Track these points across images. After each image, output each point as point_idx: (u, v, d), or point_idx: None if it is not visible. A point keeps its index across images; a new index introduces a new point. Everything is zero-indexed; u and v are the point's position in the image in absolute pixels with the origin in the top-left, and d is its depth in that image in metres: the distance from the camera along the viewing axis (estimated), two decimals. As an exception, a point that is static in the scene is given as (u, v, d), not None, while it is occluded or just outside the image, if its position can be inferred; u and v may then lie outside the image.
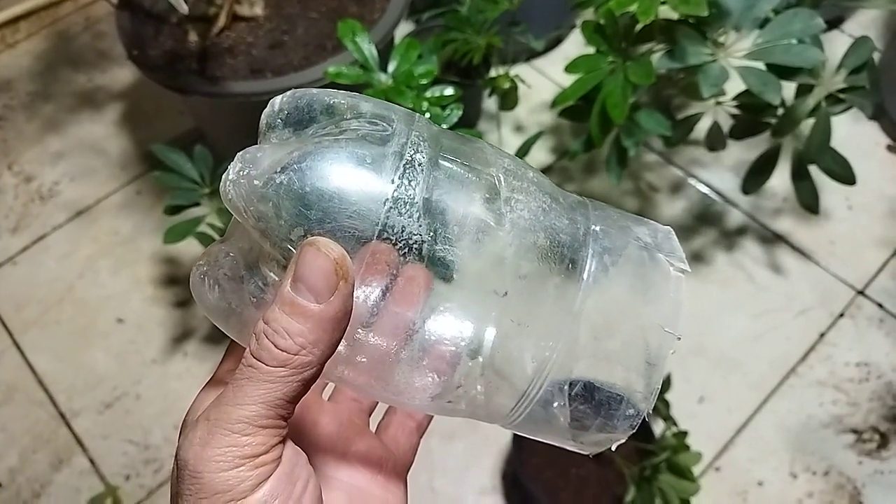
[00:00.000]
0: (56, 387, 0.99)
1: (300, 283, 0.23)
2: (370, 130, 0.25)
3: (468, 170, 0.26)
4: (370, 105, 0.27)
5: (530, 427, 0.28)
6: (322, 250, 0.23)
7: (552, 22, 1.24)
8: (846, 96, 0.77)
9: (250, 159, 0.25)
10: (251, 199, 0.24)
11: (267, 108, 0.27)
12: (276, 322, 0.23)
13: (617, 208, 0.30)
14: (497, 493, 0.89)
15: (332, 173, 0.24)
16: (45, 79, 1.31)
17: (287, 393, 0.23)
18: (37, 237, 1.12)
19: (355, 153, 0.24)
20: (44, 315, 1.05)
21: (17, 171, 1.19)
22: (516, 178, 0.27)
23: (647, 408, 0.27)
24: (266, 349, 0.23)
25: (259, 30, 0.97)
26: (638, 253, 0.28)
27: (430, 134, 0.27)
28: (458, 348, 0.26)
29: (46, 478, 0.92)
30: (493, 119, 1.17)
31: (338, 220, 0.24)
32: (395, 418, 0.35)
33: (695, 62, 0.72)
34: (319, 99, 0.27)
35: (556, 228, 0.27)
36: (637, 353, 0.27)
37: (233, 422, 0.23)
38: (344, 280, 0.23)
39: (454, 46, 0.85)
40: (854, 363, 0.97)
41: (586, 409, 0.27)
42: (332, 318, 0.23)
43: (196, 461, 0.23)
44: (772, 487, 0.89)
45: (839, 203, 1.11)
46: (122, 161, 1.20)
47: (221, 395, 0.24)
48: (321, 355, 0.24)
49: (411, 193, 0.25)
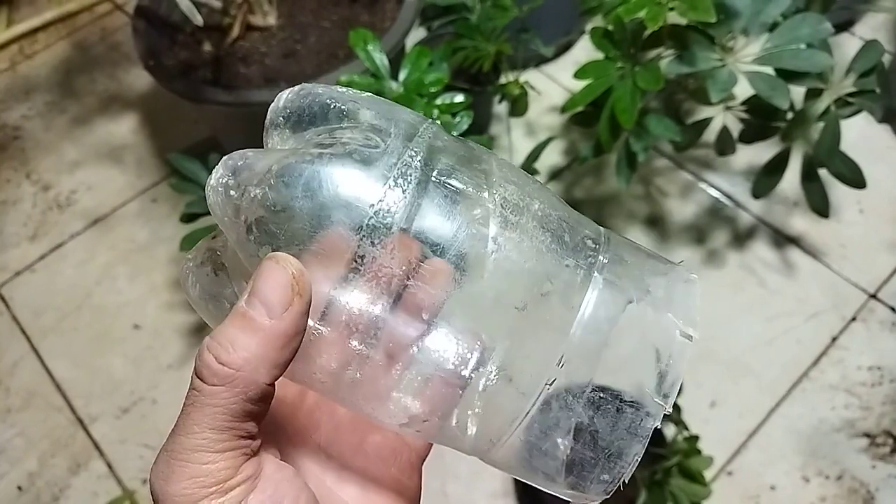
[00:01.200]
0: (74, 392, 1.00)
1: (254, 298, 0.22)
2: (360, 146, 0.24)
3: (459, 199, 0.24)
4: (371, 114, 0.25)
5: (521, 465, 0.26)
6: (280, 263, 0.22)
7: (561, 28, 1.24)
8: (856, 100, 0.77)
9: (232, 166, 0.24)
10: (226, 210, 0.23)
11: (273, 102, 0.26)
12: (222, 335, 0.22)
13: (640, 245, 0.27)
14: (509, 498, 0.90)
15: (306, 194, 0.22)
16: (63, 89, 1.34)
17: (236, 412, 0.22)
18: (55, 245, 1.14)
19: (334, 174, 0.23)
20: (62, 322, 1.06)
21: (36, 180, 1.21)
22: (514, 212, 0.25)
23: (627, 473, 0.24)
24: (207, 365, 0.22)
25: (272, 39, 0.99)
26: (642, 312, 0.25)
27: (428, 152, 0.24)
28: (453, 370, 0.25)
29: (65, 482, 0.94)
30: (504, 124, 1.18)
31: (306, 245, 0.23)
32: None
33: (703, 67, 0.72)
34: (322, 101, 0.25)
35: (548, 274, 0.24)
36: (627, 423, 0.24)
37: (188, 451, 0.22)
38: (299, 296, 0.22)
39: (464, 54, 0.85)
40: (866, 367, 0.97)
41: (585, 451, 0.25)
42: (281, 334, 0.22)
43: (165, 497, 0.22)
44: (784, 492, 0.89)
45: (850, 206, 1.11)
46: (139, 169, 1.22)
47: (175, 424, 0.22)
48: (266, 374, 0.22)
49: (388, 222, 0.23)
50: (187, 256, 0.27)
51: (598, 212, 1.13)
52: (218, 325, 0.24)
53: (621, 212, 1.12)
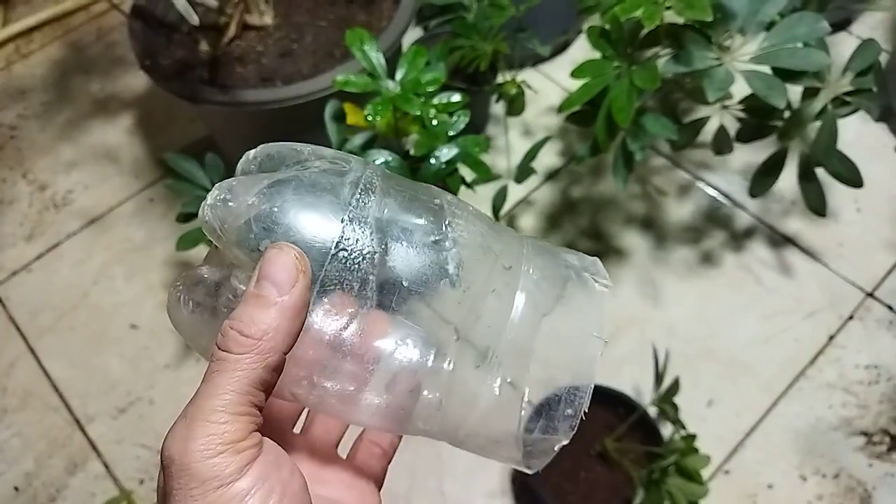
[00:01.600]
0: (71, 392, 1.00)
1: (263, 280, 0.26)
2: (330, 167, 0.30)
3: (415, 198, 0.31)
4: (331, 152, 0.31)
5: (481, 439, 0.30)
6: (283, 249, 0.26)
7: (559, 27, 1.24)
8: (853, 99, 0.77)
9: (226, 187, 0.28)
10: (226, 219, 0.27)
11: (242, 157, 0.31)
12: (241, 314, 0.26)
13: (546, 242, 0.33)
14: (506, 497, 0.90)
15: (296, 196, 0.28)
16: (59, 88, 1.33)
17: (255, 379, 0.25)
18: (51, 245, 1.14)
19: (318, 181, 0.28)
20: (58, 321, 1.06)
21: (32, 180, 1.21)
22: (458, 208, 0.31)
23: (584, 407, 0.29)
24: (232, 339, 0.25)
25: (269, 38, 0.99)
26: (565, 272, 0.31)
27: (382, 173, 0.31)
28: (413, 368, 0.29)
29: (62, 482, 0.93)
30: (501, 124, 1.18)
31: (301, 234, 0.27)
32: (362, 444, 0.37)
33: (700, 66, 0.72)
34: (287, 148, 0.31)
35: (492, 249, 0.31)
36: (570, 358, 0.30)
37: (209, 412, 0.24)
38: (303, 273, 0.26)
39: (461, 53, 0.85)
40: (864, 365, 0.97)
41: (529, 413, 0.29)
42: (292, 306, 0.26)
43: (181, 455, 0.24)
44: (781, 490, 0.89)
45: (848, 205, 1.11)
46: (135, 169, 1.21)
47: (196, 393, 0.25)
48: (282, 341, 0.26)
49: (364, 213, 0.28)
50: (175, 284, 0.30)
51: (595, 212, 1.13)
52: (207, 344, 0.28)
53: (618, 211, 1.12)
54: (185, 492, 0.24)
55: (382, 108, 0.67)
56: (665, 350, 0.85)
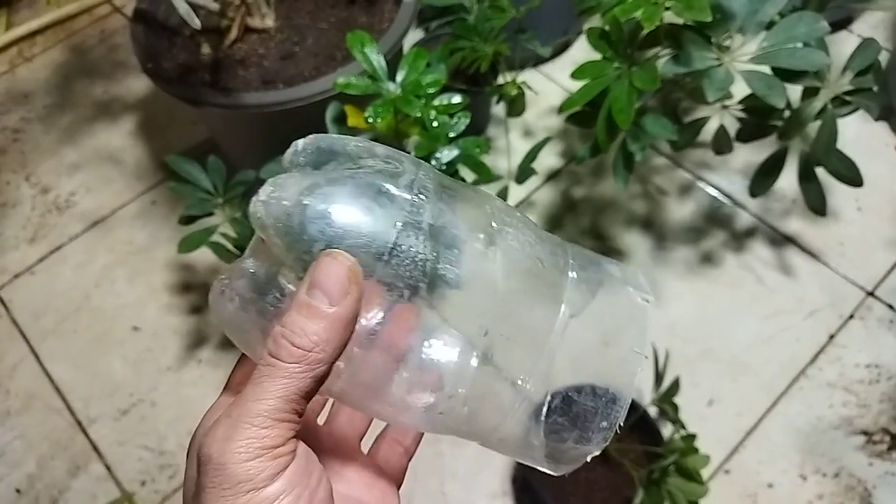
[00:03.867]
0: (73, 394, 1.00)
1: (315, 289, 0.26)
2: (384, 167, 0.29)
3: (467, 204, 0.30)
4: (383, 149, 0.30)
5: (511, 444, 0.31)
6: (337, 259, 0.26)
7: (559, 28, 1.25)
8: (853, 98, 0.77)
9: (280, 184, 0.27)
10: (279, 217, 0.27)
11: (290, 148, 0.30)
12: (294, 323, 0.26)
13: (590, 251, 0.33)
14: (507, 498, 0.90)
15: (352, 198, 0.27)
16: (62, 91, 1.34)
17: (301, 388, 0.25)
18: (54, 247, 1.14)
19: (372, 183, 0.28)
20: (61, 324, 1.06)
21: (35, 183, 1.22)
22: (507, 215, 0.31)
23: (620, 420, 0.29)
24: (283, 347, 0.25)
25: (270, 41, 0.99)
26: (608, 285, 0.31)
27: (434, 175, 0.30)
28: (446, 370, 0.29)
29: (64, 484, 0.94)
30: (502, 125, 1.18)
31: (355, 238, 0.27)
32: (384, 442, 0.37)
33: (700, 66, 0.72)
34: (338, 141, 0.30)
35: (539, 259, 0.30)
36: (609, 372, 0.30)
37: (253, 415, 0.25)
38: (356, 285, 0.26)
39: (462, 55, 0.86)
40: (864, 365, 0.97)
41: (564, 422, 0.29)
42: (343, 318, 0.26)
43: (220, 454, 0.24)
44: (781, 489, 0.89)
45: (848, 204, 1.11)
46: (138, 172, 1.22)
47: (242, 394, 0.26)
48: (332, 353, 0.26)
49: (419, 219, 0.28)
50: (220, 278, 0.30)
51: (596, 213, 1.13)
52: (251, 340, 0.29)
53: (619, 211, 1.13)
54: (217, 491, 0.24)
55: (383, 110, 0.67)
56: (665, 350, 0.85)
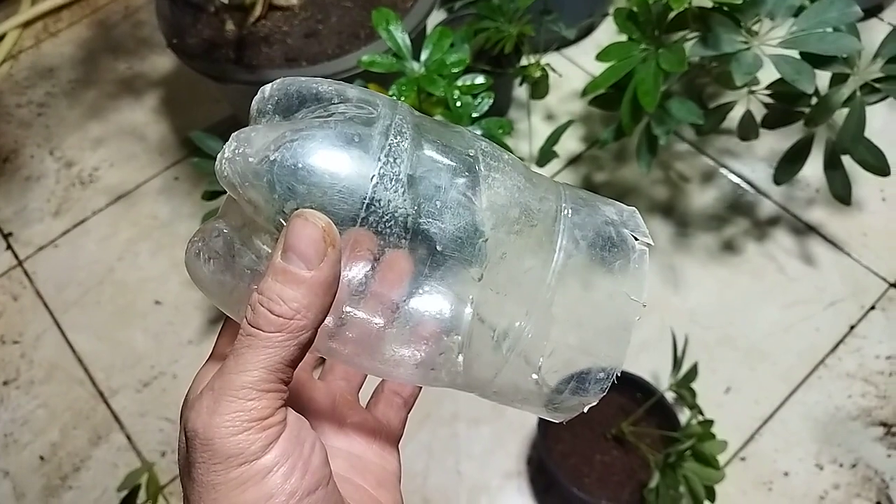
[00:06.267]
0: (95, 365, 1.02)
1: (290, 253, 0.25)
2: (357, 113, 0.27)
3: (449, 150, 0.28)
4: (356, 91, 0.28)
5: (508, 394, 0.29)
6: (310, 220, 0.25)
7: (584, 10, 1.23)
8: (882, 86, 0.76)
9: (245, 139, 0.26)
10: (246, 176, 0.25)
11: (257, 94, 0.28)
12: (270, 290, 0.25)
13: (586, 190, 0.32)
14: (522, 478, 0.90)
15: (322, 151, 0.25)
16: (87, 66, 1.35)
17: (286, 357, 0.25)
18: (78, 221, 1.16)
19: (344, 133, 0.26)
20: (84, 296, 1.08)
21: (59, 157, 1.23)
22: (493, 160, 0.29)
23: (617, 371, 0.28)
24: (262, 316, 0.24)
25: (294, 19, 0.99)
26: (605, 228, 0.29)
27: (412, 118, 0.28)
28: (439, 322, 0.28)
29: (86, 453, 0.96)
30: (524, 107, 1.18)
31: (328, 195, 0.25)
32: (383, 395, 0.37)
33: (728, 50, 0.72)
34: (307, 86, 0.28)
35: (529, 205, 0.29)
36: (606, 320, 0.29)
37: (237, 388, 0.24)
38: (332, 247, 0.25)
39: (486, 35, 0.85)
40: (885, 356, 0.96)
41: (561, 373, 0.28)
42: (322, 282, 0.25)
43: (206, 429, 0.24)
44: (797, 478, 0.89)
45: (873, 194, 1.10)
46: (161, 147, 1.23)
47: (223, 366, 0.25)
48: (314, 319, 0.25)
49: (396, 170, 0.26)
50: (192, 240, 0.28)
51: (617, 197, 1.12)
52: (234, 299, 0.27)
53: (641, 198, 1.12)
54: (207, 465, 0.24)
55: (407, 89, 0.67)
56: (684, 336, 0.85)
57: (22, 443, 0.97)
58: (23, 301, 1.08)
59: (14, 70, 1.35)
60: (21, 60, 1.36)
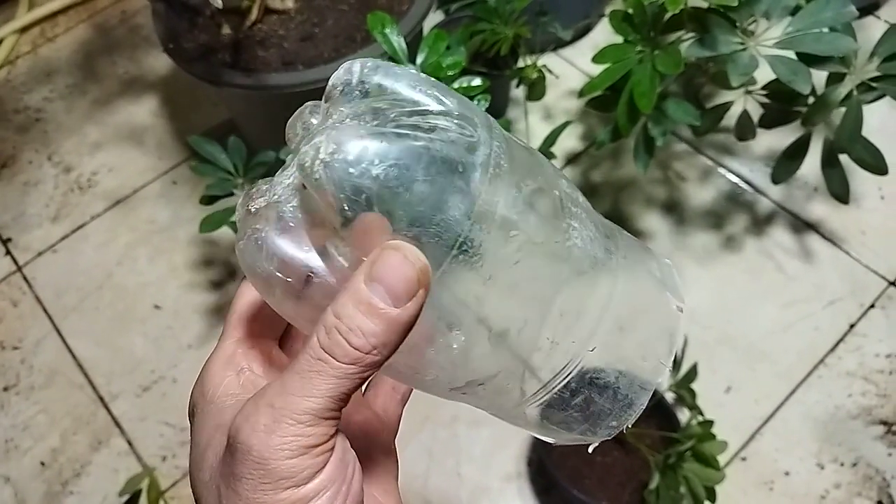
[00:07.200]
0: (95, 371, 1.02)
1: (378, 284, 0.23)
2: (459, 135, 0.25)
3: (539, 192, 0.27)
4: (454, 102, 0.26)
5: (522, 424, 0.30)
6: (409, 258, 0.23)
7: (580, 11, 1.23)
8: (879, 84, 0.76)
9: (344, 141, 0.23)
10: (342, 187, 0.23)
11: (342, 73, 0.26)
12: (351, 319, 0.23)
13: (640, 243, 0.33)
14: (522, 480, 0.90)
15: (427, 178, 0.23)
16: (84, 71, 1.35)
17: (351, 388, 0.24)
18: (76, 226, 1.16)
19: (450, 159, 0.24)
20: (83, 301, 1.08)
21: (57, 162, 1.23)
22: (573, 204, 0.28)
23: (629, 423, 0.29)
24: (339, 345, 0.24)
25: (290, 22, 0.99)
26: (651, 285, 0.30)
27: (505, 144, 0.27)
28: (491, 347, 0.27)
29: (86, 458, 0.96)
30: (521, 108, 1.18)
31: (424, 227, 0.24)
32: (382, 390, 0.37)
33: (724, 50, 0.72)
34: (404, 80, 0.26)
35: (596, 259, 0.28)
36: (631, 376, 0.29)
37: (300, 412, 0.24)
38: (424, 289, 0.24)
39: (482, 37, 0.85)
40: (885, 354, 0.96)
41: (577, 416, 0.29)
42: (405, 323, 0.24)
43: (262, 448, 0.24)
44: (798, 478, 0.89)
45: (871, 192, 1.10)
46: (159, 152, 1.23)
47: (287, 384, 0.24)
48: (387, 356, 0.24)
49: (493, 209, 0.25)
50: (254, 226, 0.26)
51: (616, 196, 1.12)
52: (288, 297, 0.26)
53: (639, 197, 1.12)
54: (255, 483, 0.24)
55: (403, 92, 0.67)
56: (684, 335, 0.85)
57: (22, 448, 0.97)
58: (22, 307, 1.08)
59: (11, 75, 1.35)
60: (18, 66, 1.36)
